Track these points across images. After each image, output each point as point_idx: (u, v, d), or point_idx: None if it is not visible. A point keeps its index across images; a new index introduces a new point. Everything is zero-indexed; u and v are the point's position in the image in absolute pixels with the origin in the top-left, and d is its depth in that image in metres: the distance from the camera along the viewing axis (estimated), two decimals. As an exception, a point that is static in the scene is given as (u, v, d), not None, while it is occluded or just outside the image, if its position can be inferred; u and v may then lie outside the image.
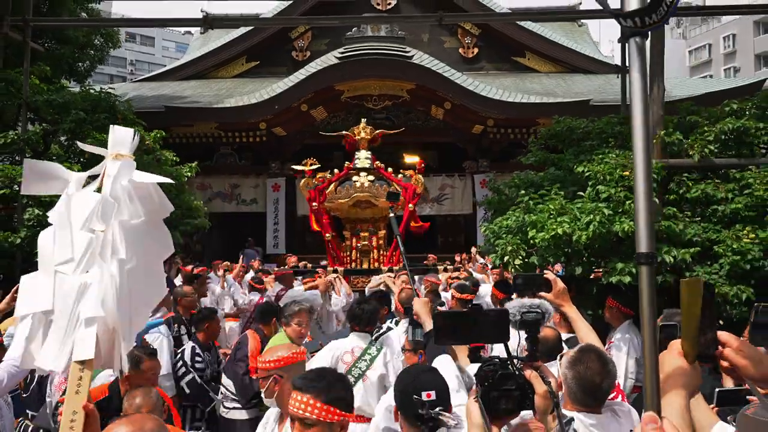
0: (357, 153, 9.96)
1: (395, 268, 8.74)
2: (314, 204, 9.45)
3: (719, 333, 1.39)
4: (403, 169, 9.91)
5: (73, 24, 11.31)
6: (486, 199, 7.03)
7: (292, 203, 16.51)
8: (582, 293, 5.68)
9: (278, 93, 14.46)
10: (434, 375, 2.44)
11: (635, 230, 1.36)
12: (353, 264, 9.86)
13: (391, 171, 9.81)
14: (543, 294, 2.56)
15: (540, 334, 2.05)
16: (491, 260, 6.49)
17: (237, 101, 14.75)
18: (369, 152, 9.91)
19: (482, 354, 3.98)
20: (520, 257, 5.30)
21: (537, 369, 1.84)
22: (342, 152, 12.85)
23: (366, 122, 10.30)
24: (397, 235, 3.86)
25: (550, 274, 2.69)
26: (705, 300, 1.33)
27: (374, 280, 8.14)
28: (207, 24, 7.22)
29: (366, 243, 9.93)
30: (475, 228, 14.13)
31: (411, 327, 3.28)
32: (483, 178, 15.28)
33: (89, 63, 13.19)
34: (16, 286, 2.29)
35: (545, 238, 5.02)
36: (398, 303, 5.14)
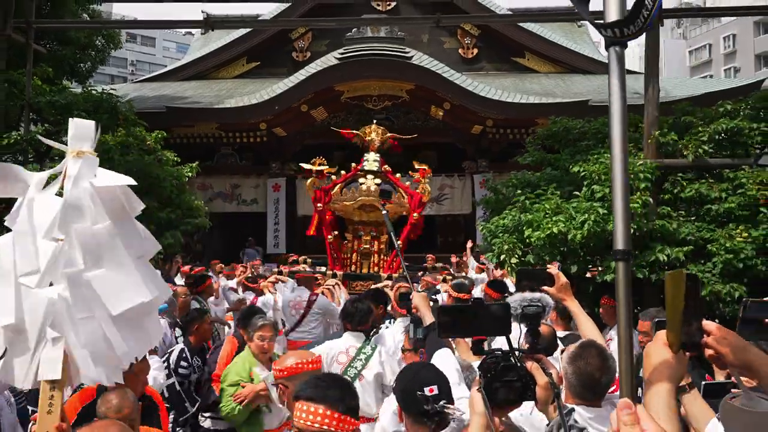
0: (366, 155, 9.77)
1: (394, 276, 8.59)
2: (319, 205, 9.31)
3: (704, 322, 1.41)
4: (411, 171, 9.72)
5: (76, 26, 11.38)
6: (483, 199, 7.11)
7: (293, 203, 16.56)
8: (578, 292, 5.72)
9: (278, 93, 14.51)
10: (434, 370, 2.47)
11: (613, 230, 1.42)
12: (353, 267, 9.74)
13: (399, 176, 9.67)
14: (546, 288, 2.60)
15: None
16: (485, 258, 6.56)
17: (237, 102, 14.80)
18: (378, 155, 9.73)
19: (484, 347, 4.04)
20: (517, 256, 5.38)
21: (538, 361, 1.90)
22: (343, 152, 12.92)
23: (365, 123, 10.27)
24: (391, 232, 3.91)
25: (553, 269, 2.73)
26: (689, 291, 1.35)
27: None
28: (208, 26, 7.30)
29: (367, 246, 9.80)
30: (475, 228, 14.18)
31: (412, 325, 3.33)
32: (482, 178, 15.34)
33: (90, 64, 13.25)
34: None
35: (541, 237, 5.09)
36: (395, 303, 5.13)
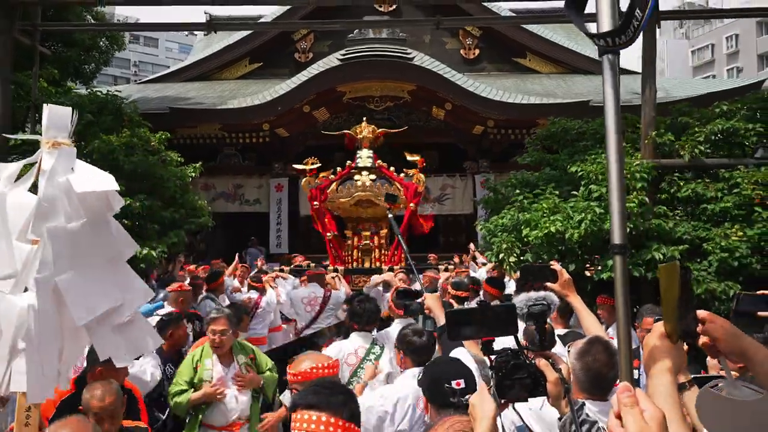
0: (359, 152, 9.89)
1: (396, 267, 8.76)
2: (315, 203, 9.43)
3: (698, 312, 1.47)
4: (406, 168, 9.83)
5: (81, 29, 11.49)
6: (483, 199, 7.19)
7: (295, 203, 16.63)
8: (577, 290, 5.82)
9: (281, 94, 14.58)
10: (460, 364, 2.53)
11: (610, 225, 1.48)
12: (355, 263, 9.82)
13: (393, 170, 9.79)
14: (550, 284, 2.68)
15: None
16: (486, 258, 6.63)
17: (240, 102, 14.89)
18: (371, 151, 9.82)
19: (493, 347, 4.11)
20: (515, 255, 5.46)
21: (548, 358, 1.97)
22: (343, 152, 13.01)
23: (367, 123, 10.36)
24: (398, 235, 3.98)
25: (557, 265, 2.79)
26: (682, 282, 1.38)
27: (373, 280, 8.17)
28: (210, 28, 7.39)
29: (368, 242, 9.90)
30: (476, 228, 14.26)
31: (421, 317, 3.39)
32: (483, 178, 15.41)
33: (95, 65, 13.38)
34: None
35: (539, 236, 5.17)
36: (392, 303, 5.13)
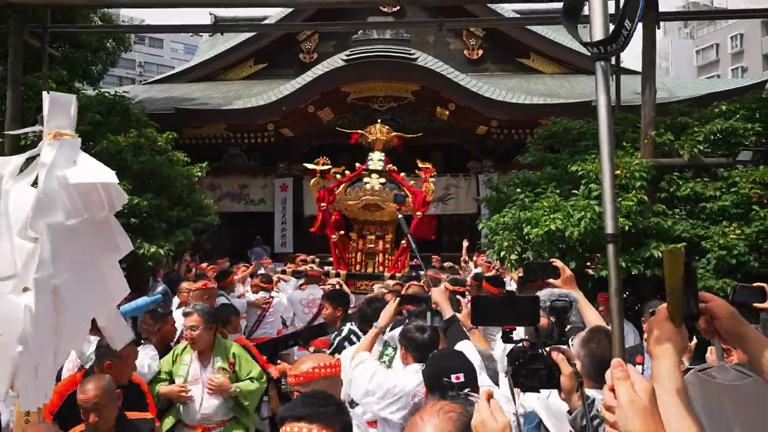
0: (370, 154, 9.78)
1: (398, 275, 8.58)
2: (323, 204, 9.37)
3: (701, 293, 1.52)
4: (417, 170, 9.70)
5: (90, 31, 11.64)
6: (485, 198, 7.27)
7: (300, 203, 16.73)
8: (578, 287, 5.90)
9: (285, 95, 14.68)
10: (462, 358, 2.62)
11: (603, 217, 1.57)
12: (358, 266, 9.72)
13: (404, 175, 9.66)
14: (552, 281, 2.78)
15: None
16: (487, 256, 6.71)
17: (245, 103, 15.00)
18: (383, 154, 9.71)
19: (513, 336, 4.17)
20: (516, 252, 5.55)
21: (564, 353, 2.06)
22: (348, 154, 13.10)
23: (373, 124, 10.35)
24: (408, 234, 4.05)
25: (559, 262, 2.87)
26: (686, 268, 1.43)
27: (376, 290, 8.09)
28: (216, 29, 7.51)
29: (372, 246, 9.79)
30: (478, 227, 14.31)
31: (430, 314, 3.50)
32: (486, 178, 15.48)
33: (102, 66, 13.51)
34: None
35: (539, 234, 5.26)
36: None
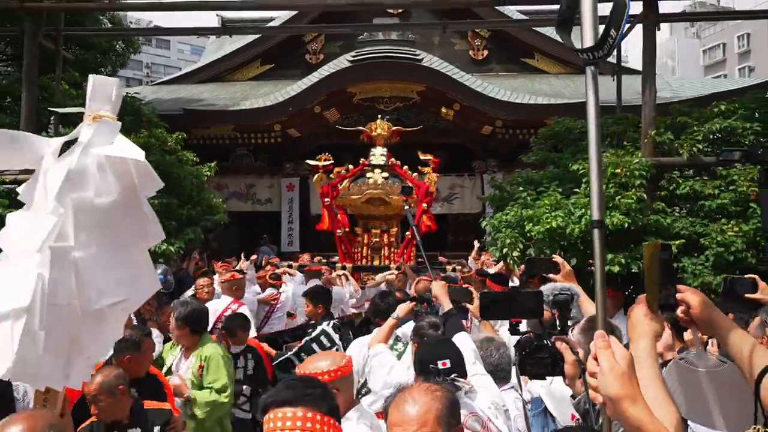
0: (372, 149, 9.89)
1: (404, 265, 8.83)
2: (326, 200, 9.46)
3: (679, 287, 1.65)
4: (421, 166, 9.79)
5: (104, 34, 11.86)
6: (488, 196, 7.40)
7: (306, 202, 16.91)
8: (580, 284, 6.03)
9: (292, 95, 14.83)
10: (450, 346, 2.74)
11: (590, 205, 1.72)
12: (364, 260, 9.82)
13: (407, 169, 9.76)
14: (553, 275, 2.92)
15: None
16: (491, 254, 6.84)
17: (252, 104, 15.16)
18: (385, 149, 9.81)
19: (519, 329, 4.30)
20: (518, 249, 5.68)
21: (567, 342, 2.20)
22: (353, 153, 13.25)
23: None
24: (413, 226, 4.18)
25: (559, 258, 3.03)
26: (663, 260, 1.57)
27: (378, 278, 8.10)
28: (226, 32, 7.67)
29: (377, 240, 9.88)
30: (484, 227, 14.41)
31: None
32: (489, 177, 15.57)
33: (111, 68, 13.73)
34: None
35: (541, 231, 5.39)
36: (415, 294, 5.37)
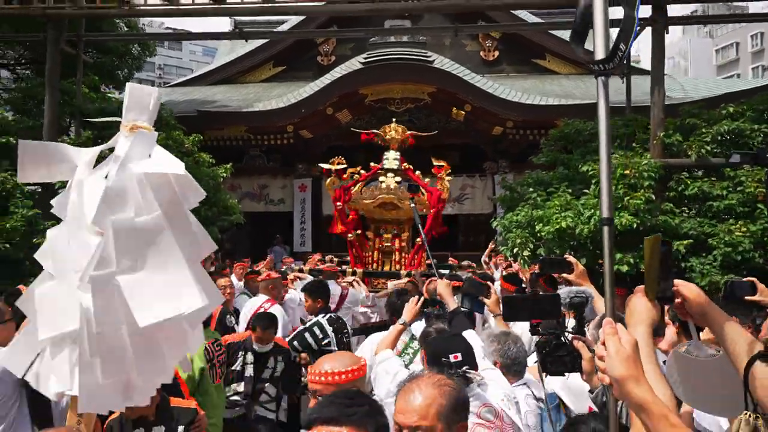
0: (386, 153, 9.88)
1: (413, 272, 8.54)
2: (338, 203, 9.47)
3: (676, 281, 1.74)
4: (434, 167, 9.63)
5: (122, 39, 12.08)
6: (499, 197, 7.50)
7: (318, 203, 17.04)
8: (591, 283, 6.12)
9: (304, 97, 14.97)
10: (460, 340, 2.85)
11: (599, 205, 1.85)
12: (375, 265, 9.76)
13: (419, 174, 9.71)
14: (566, 275, 3.01)
15: None
16: (503, 256, 6.93)
17: (265, 105, 15.31)
18: (398, 153, 9.77)
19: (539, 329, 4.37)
20: (529, 249, 5.79)
21: (583, 341, 2.33)
22: (366, 154, 13.38)
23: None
24: (419, 224, 4.27)
25: (572, 258, 3.08)
26: (662, 253, 1.67)
27: (390, 287, 8.24)
28: (242, 37, 7.84)
29: (389, 244, 9.81)
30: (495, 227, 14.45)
31: (460, 295, 3.74)
32: (501, 178, 15.63)
33: (128, 70, 13.94)
34: None
35: (550, 231, 5.50)
36: (426, 294, 5.48)
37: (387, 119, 10.76)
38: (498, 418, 2.58)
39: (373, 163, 10.04)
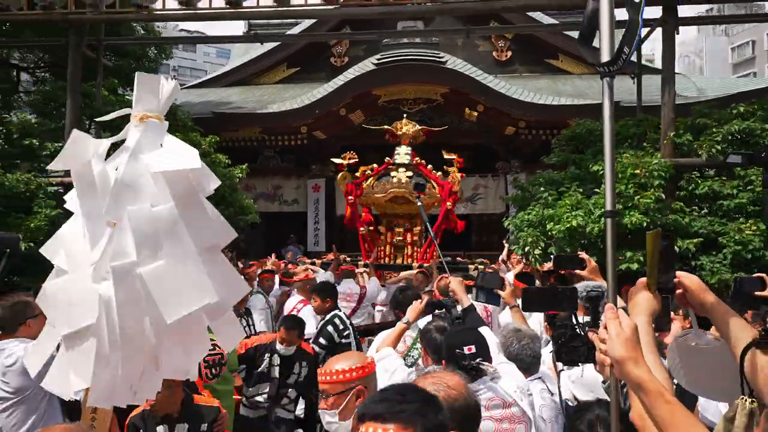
0: (397, 148, 10.00)
1: (426, 265, 8.71)
2: (350, 197, 9.56)
3: (678, 272, 1.81)
4: (447, 166, 9.82)
5: (141, 42, 12.31)
6: (511, 196, 7.59)
7: (332, 203, 17.17)
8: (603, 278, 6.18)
9: (318, 98, 15.10)
10: (475, 333, 2.93)
11: (604, 197, 1.94)
12: (387, 259, 9.89)
13: (431, 168, 9.82)
14: (579, 272, 3.04)
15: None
16: (516, 256, 7.00)
17: (279, 106, 15.46)
18: (409, 148, 9.88)
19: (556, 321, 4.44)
20: (540, 248, 5.87)
21: (598, 333, 2.43)
22: (377, 154, 13.49)
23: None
24: (426, 221, 4.34)
25: (584, 254, 3.15)
26: (664, 247, 1.72)
27: (400, 276, 8.24)
28: (257, 40, 7.99)
29: (401, 239, 9.94)
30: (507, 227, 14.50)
31: (475, 290, 3.80)
32: (513, 178, 15.67)
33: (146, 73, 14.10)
34: None
35: (561, 230, 5.58)
36: (437, 292, 5.63)
37: (400, 120, 10.83)
38: (506, 409, 2.66)
39: (386, 158, 10.08)
